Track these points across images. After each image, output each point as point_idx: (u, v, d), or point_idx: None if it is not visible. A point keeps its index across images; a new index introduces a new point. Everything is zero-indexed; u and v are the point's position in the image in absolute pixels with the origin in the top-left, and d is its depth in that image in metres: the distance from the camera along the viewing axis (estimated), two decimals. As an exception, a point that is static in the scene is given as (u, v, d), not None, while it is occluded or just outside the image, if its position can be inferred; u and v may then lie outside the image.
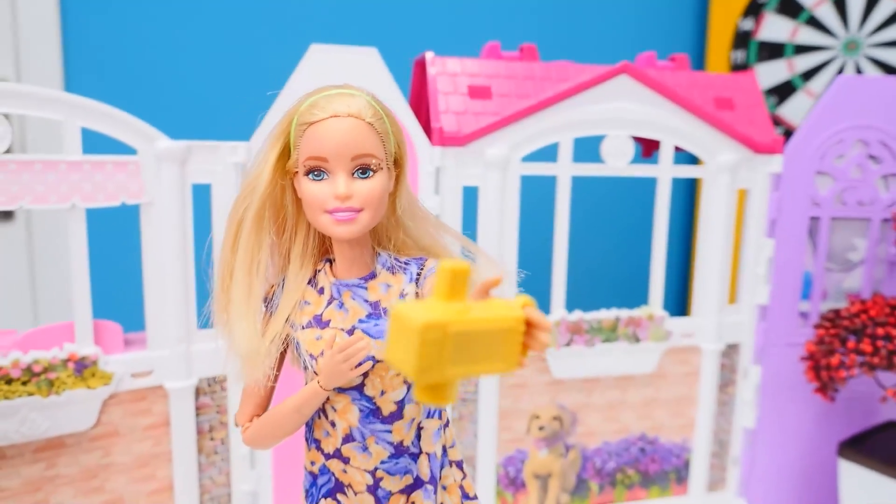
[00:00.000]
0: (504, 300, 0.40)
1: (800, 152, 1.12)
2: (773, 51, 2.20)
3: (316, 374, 0.57)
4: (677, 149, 1.12)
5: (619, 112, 1.06)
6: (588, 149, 1.10)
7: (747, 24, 2.22)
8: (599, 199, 1.77)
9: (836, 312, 1.04)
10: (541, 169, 1.07)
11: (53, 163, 0.84)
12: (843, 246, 1.16)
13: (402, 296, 0.58)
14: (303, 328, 0.59)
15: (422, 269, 0.59)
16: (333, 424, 0.59)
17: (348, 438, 0.59)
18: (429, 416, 0.61)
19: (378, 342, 0.56)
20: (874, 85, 1.10)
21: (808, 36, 2.17)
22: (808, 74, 2.20)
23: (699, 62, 2.31)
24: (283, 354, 0.61)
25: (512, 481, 1.14)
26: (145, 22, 1.67)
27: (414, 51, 1.14)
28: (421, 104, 1.12)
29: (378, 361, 0.57)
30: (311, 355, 0.58)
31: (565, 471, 1.16)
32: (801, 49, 2.18)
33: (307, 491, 0.63)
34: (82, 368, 0.89)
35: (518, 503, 1.15)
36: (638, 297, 1.15)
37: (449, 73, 1.06)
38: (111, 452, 0.94)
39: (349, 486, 0.60)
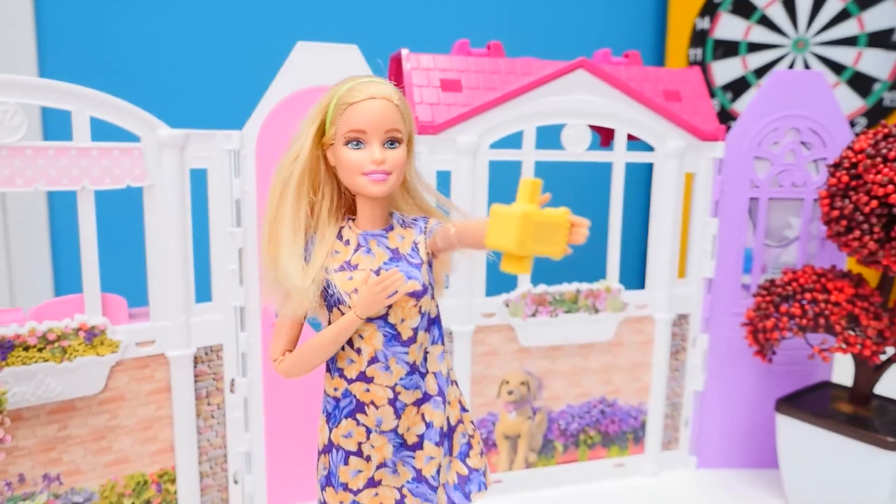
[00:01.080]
0: (556, 209, 0.59)
1: (740, 139, 1.24)
2: (728, 48, 2.34)
3: (349, 307, 0.69)
4: (631, 137, 1.24)
5: (577, 103, 1.17)
6: (550, 137, 1.21)
7: (704, 23, 2.35)
8: (561, 183, 1.89)
9: (772, 282, 1.16)
10: (507, 155, 1.17)
11: (65, 149, 0.92)
12: (780, 224, 1.28)
13: (415, 245, 0.72)
14: (336, 271, 0.70)
15: (427, 224, 0.74)
16: (359, 351, 0.71)
17: (373, 360, 0.71)
18: (433, 342, 0.74)
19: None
20: (804, 78, 1.22)
21: (760, 35, 2.31)
22: (761, 71, 2.34)
23: (659, 59, 2.44)
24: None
25: (484, 441, 1.24)
26: (124, 19, 1.76)
27: (391, 48, 1.24)
28: (397, 97, 1.22)
29: (400, 295, 0.69)
30: (345, 293, 0.69)
31: (533, 432, 1.27)
32: (754, 47, 2.32)
33: (329, 414, 0.74)
34: (92, 337, 0.97)
35: (490, 461, 1.25)
36: (597, 271, 1.26)
37: (423, 68, 1.16)
38: (118, 415, 1.02)
39: (370, 403, 0.71)
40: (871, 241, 1.01)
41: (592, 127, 1.31)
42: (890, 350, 1.10)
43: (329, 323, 0.72)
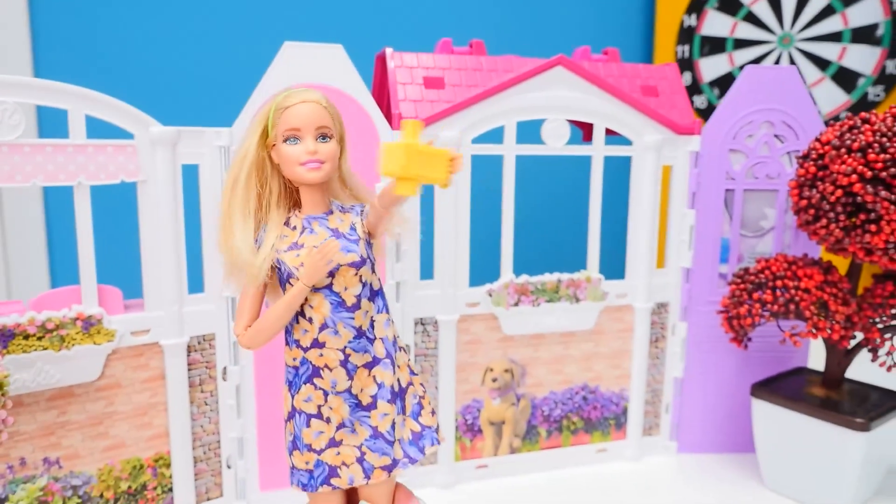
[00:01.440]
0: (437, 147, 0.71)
1: (715, 133, 1.28)
2: (714, 45, 2.37)
3: (297, 279, 0.78)
4: (610, 132, 1.28)
5: (556, 99, 1.21)
6: (530, 131, 1.25)
7: (691, 20, 2.39)
8: (542, 177, 1.94)
9: (745, 270, 1.20)
10: (489, 149, 1.21)
11: (62, 146, 0.96)
12: (756, 215, 1.32)
13: (353, 225, 0.82)
14: (284, 251, 0.80)
15: (363, 209, 0.84)
16: (311, 320, 0.80)
17: (323, 327, 0.80)
18: (378, 311, 0.83)
19: (340, 253, 0.78)
20: (777, 73, 1.26)
21: (746, 31, 2.35)
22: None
23: (647, 55, 2.48)
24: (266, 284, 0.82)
25: (470, 427, 1.29)
26: (117, 20, 1.80)
27: (376, 46, 1.28)
28: (383, 93, 1.26)
29: (341, 266, 0.78)
30: (294, 267, 0.79)
31: (517, 418, 1.31)
32: (741, 43, 2.36)
33: (290, 382, 0.83)
34: (89, 326, 1.01)
35: (475, 447, 1.30)
36: (577, 262, 1.30)
37: (407, 66, 1.20)
38: (114, 402, 1.06)
39: (325, 367, 0.80)
40: (836, 228, 1.05)
41: (575, 122, 1.35)
42: (859, 335, 1.14)
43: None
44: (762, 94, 1.26)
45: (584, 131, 1.48)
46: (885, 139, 0.99)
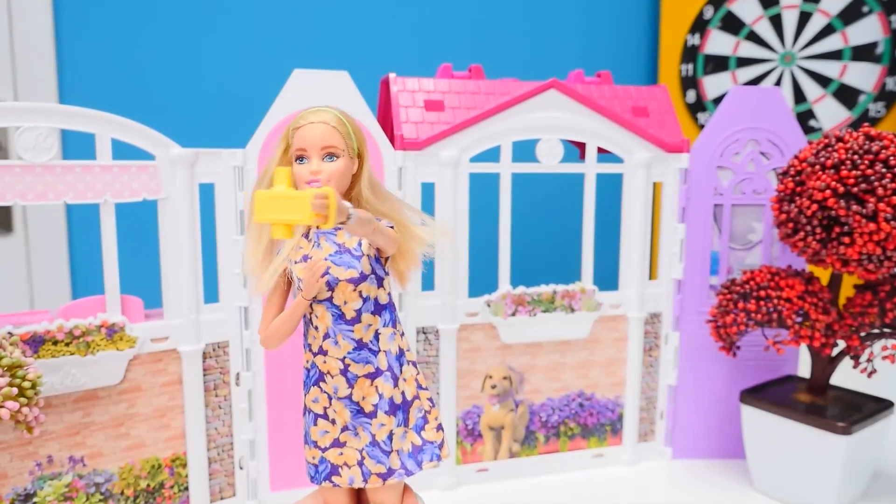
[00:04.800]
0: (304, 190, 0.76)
1: (703, 150, 1.34)
2: (718, 63, 2.44)
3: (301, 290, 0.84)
4: (603, 150, 1.35)
5: (550, 120, 1.28)
6: (525, 151, 1.32)
7: (694, 40, 2.45)
8: (538, 193, 2.02)
9: (732, 281, 1.26)
10: (486, 168, 1.28)
11: (90, 166, 1.05)
12: (744, 228, 1.38)
13: (360, 241, 0.85)
14: (296, 263, 0.85)
15: None
16: (317, 328, 0.85)
17: (326, 336, 0.85)
18: (384, 325, 0.86)
19: (340, 268, 0.83)
20: (762, 94, 1.32)
21: (748, 50, 2.40)
22: (751, 85, 2.43)
23: (652, 74, 2.55)
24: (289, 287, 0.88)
25: (470, 432, 1.35)
26: (137, 49, 1.92)
27: (381, 71, 1.36)
28: (387, 115, 1.34)
29: (340, 281, 0.83)
30: (299, 279, 0.84)
31: (516, 423, 1.37)
32: (743, 62, 2.42)
33: (305, 382, 0.89)
34: (112, 333, 1.09)
35: (476, 451, 1.35)
36: (572, 274, 1.36)
37: (408, 90, 1.28)
38: (135, 404, 1.13)
39: (328, 373, 0.85)
40: (813, 241, 1.10)
41: (571, 141, 1.42)
42: (841, 343, 1.19)
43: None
44: (747, 113, 1.32)
45: (579, 150, 1.54)
46: (856, 157, 1.05)
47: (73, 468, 1.09)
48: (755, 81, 2.40)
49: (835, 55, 2.30)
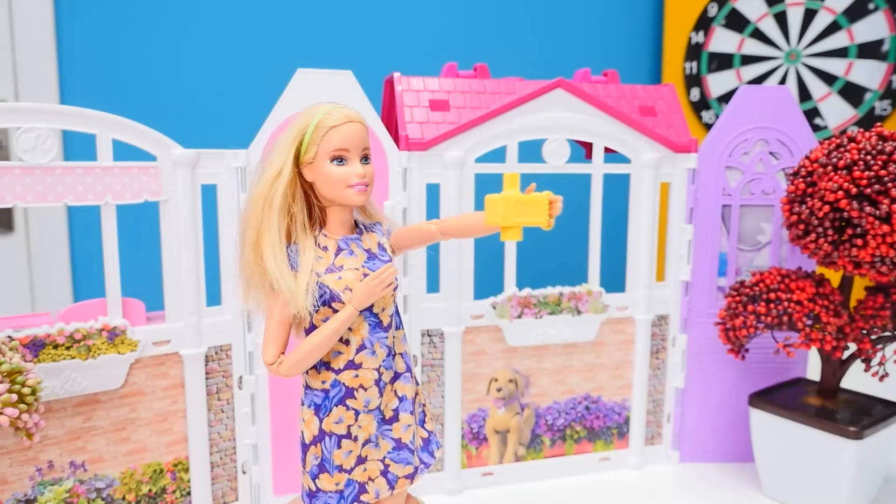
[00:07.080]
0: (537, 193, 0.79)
1: (711, 150, 1.32)
2: (722, 61, 2.42)
3: (342, 303, 0.79)
4: (610, 150, 1.33)
5: (556, 120, 1.27)
6: (532, 151, 1.30)
7: (698, 37, 2.43)
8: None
9: (741, 283, 1.24)
10: (491, 168, 1.27)
11: (90, 168, 1.03)
12: (753, 229, 1.36)
13: (381, 245, 0.83)
14: (324, 274, 0.80)
15: (383, 227, 0.87)
16: (347, 342, 0.81)
17: (361, 348, 0.81)
18: (396, 328, 0.85)
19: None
20: (770, 93, 1.31)
21: (753, 47, 2.39)
22: (755, 83, 2.42)
23: (656, 73, 2.53)
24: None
25: (475, 436, 1.33)
26: (139, 49, 1.90)
27: (385, 71, 1.35)
28: (391, 115, 1.32)
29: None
30: (339, 291, 0.79)
31: (521, 427, 1.35)
32: (748, 59, 2.40)
33: (318, 406, 0.82)
34: (114, 337, 1.08)
35: (481, 455, 1.34)
36: (579, 275, 1.35)
37: (413, 90, 1.26)
38: (137, 408, 1.12)
39: (359, 387, 0.81)
40: (825, 243, 1.09)
41: (577, 141, 1.40)
42: (852, 346, 1.17)
43: (312, 322, 0.81)
44: (756, 113, 1.31)
45: (585, 149, 1.53)
46: (869, 157, 1.03)
47: (73, 473, 1.08)
48: (760, 79, 2.39)
49: (840, 53, 2.28)
